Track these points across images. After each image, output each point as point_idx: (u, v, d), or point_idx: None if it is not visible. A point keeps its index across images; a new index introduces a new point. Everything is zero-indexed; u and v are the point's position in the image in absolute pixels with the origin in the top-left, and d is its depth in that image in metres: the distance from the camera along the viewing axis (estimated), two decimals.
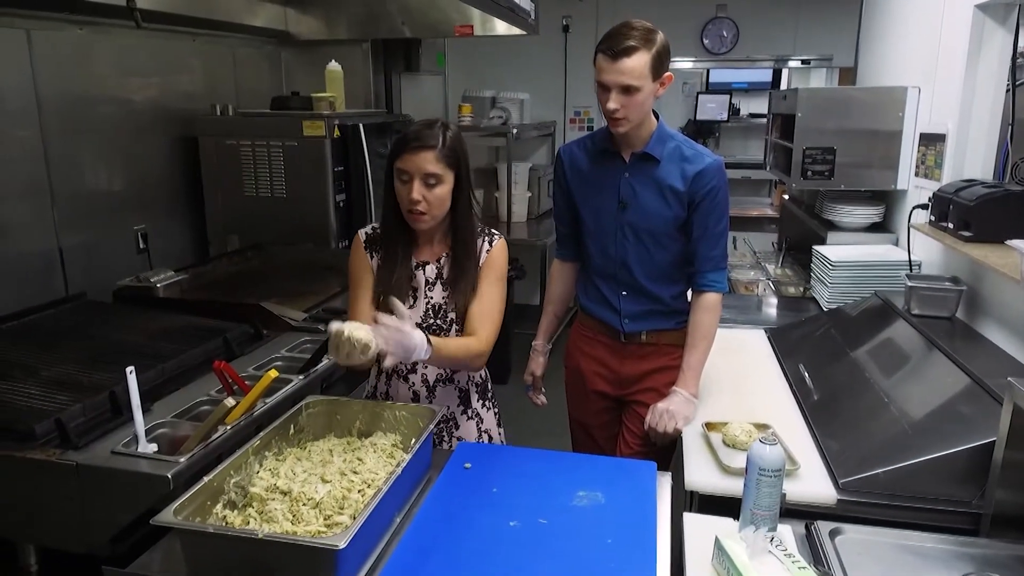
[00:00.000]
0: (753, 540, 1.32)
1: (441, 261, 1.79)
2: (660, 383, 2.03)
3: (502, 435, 1.98)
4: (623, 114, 1.80)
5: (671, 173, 1.91)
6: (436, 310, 1.77)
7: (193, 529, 1.21)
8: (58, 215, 2.50)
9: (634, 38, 1.75)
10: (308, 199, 3.10)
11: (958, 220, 2.15)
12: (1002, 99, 2.40)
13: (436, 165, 1.64)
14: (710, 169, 1.90)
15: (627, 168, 1.95)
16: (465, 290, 1.76)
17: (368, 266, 1.79)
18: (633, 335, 2.04)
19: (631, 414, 2.09)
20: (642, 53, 1.75)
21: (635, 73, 1.75)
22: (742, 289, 3.32)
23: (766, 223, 5.28)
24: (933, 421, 1.69)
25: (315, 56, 3.68)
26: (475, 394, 1.89)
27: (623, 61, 1.75)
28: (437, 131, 1.66)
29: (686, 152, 1.92)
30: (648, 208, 1.93)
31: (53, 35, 2.45)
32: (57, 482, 1.52)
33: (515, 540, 1.37)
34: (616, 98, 1.78)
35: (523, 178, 5.00)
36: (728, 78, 6.51)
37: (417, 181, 1.64)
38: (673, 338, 2.03)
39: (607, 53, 1.77)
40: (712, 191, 1.90)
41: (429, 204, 1.66)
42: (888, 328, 2.27)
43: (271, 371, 1.65)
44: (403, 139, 1.66)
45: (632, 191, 1.94)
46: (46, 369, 1.86)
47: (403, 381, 1.84)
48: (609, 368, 2.10)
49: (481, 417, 1.90)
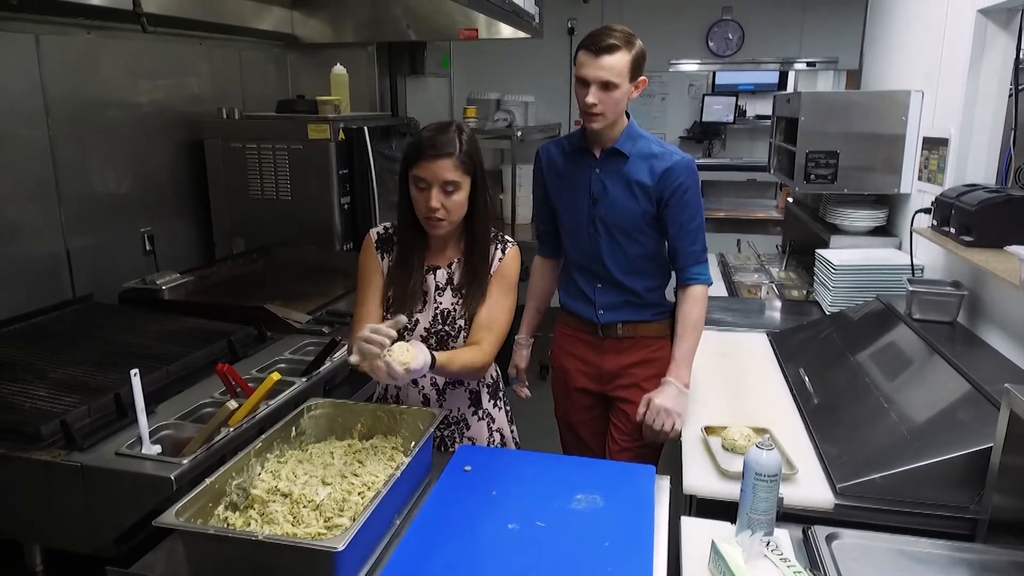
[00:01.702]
0: (749, 544, 1.33)
1: (452, 266, 1.79)
2: (641, 377, 2.07)
3: (515, 433, 1.98)
4: (600, 109, 1.86)
5: (639, 169, 1.96)
6: (445, 316, 1.77)
7: (194, 530, 1.23)
8: (65, 217, 2.52)
9: (616, 38, 1.83)
10: (313, 202, 3.12)
11: (960, 225, 2.15)
12: (1005, 104, 2.39)
13: (454, 172, 1.63)
14: (678, 166, 1.94)
15: (597, 164, 2.00)
16: (476, 296, 1.75)
17: (378, 267, 1.79)
18: (609, 327, 2.08)
19: (617, 412, 2.12)
20: (623, 53, 1.83)
21: (615, 70, 1.83)
22: (745, 292, 3.32)
23: (771, 225, 5.28)
24: (932, 426, 1.70)
25: (321, 59, 3.71)
26: (486, 394, 1.89)
27: (605, 58, 1.82)
28: (453, 136, 1.64)
29: (655, 149, 1.98)
30: (617, 203, 1.98)
31: (61, 39, 2.48)
32: (62, 483, 1.54)
33: (513, 543, 1.38)
34: (595, 93, 1.85)
35: (528, 180, 4.99)
36: (734, 80, 6.49)
37: (436, 189, 1.63)
38: (650, 330, 2.08)
39: (590, 49, 1.84)
40: (680, 187, 1.94)
41: (448, 211, 1.65)
42: (889, 332, 2.27)
43: (274, 373, 1.67)
44: (419, 145, 1.64)
45: (602, 186, 1.99)
46: (52, 371, 1.88)
47: (412, 384, 1.83)
48: (590, 364, 2.13)
49: (492, 417, 1.90)
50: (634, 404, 2.03)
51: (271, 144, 3.09)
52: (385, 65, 4.16)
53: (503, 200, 5.00)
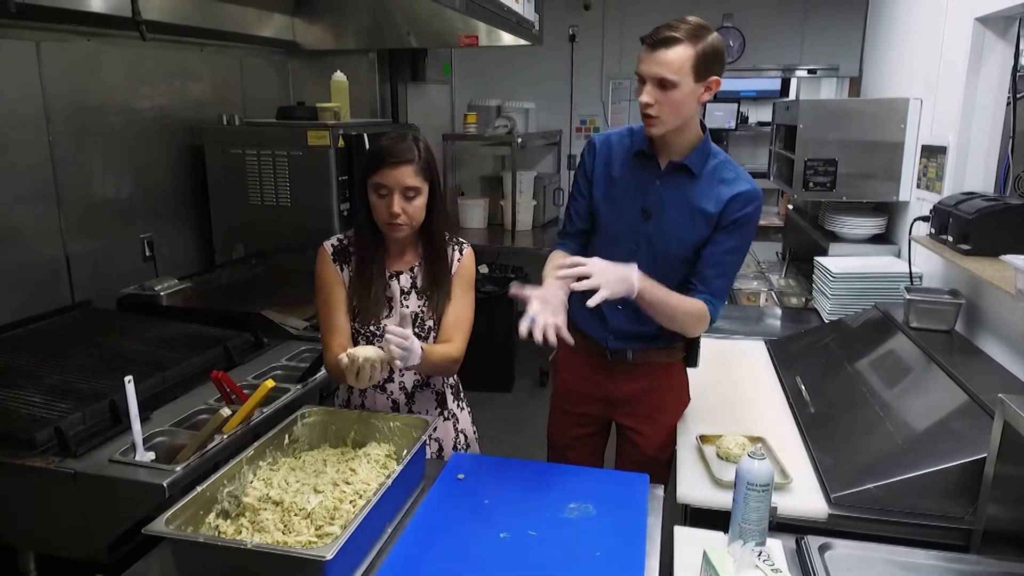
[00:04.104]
0: (741, 554, 1.32)
1: (415, 270, 1.81)
2: (652, 406, 1.98)
3: (476, 433, 2.00)
4: (656, 111, 1.66)
5: (706, 194, 1.76)
6: (413, 319, 1.78)
7: (183, 538, 1.23)
8: (65, 223, 2.53)
9: (679, 31, 1.61)
10: (312, 208, 3.12)
11: (957, 233, 2.15)
12: (1003, 112, 2.39)
13: (414, 178, 1.66)
14: (748, 195, 1.75)
15: (660, 176, 1.80)
16: (441, 297, 1.79)
17: (339, 278, 1.78)
18: (619, 353, 1.95)
19: (626, 441, 2.05)
20: (684, 47, 1.60)
21: (672, 66, 1.61)
22: (744, 299, 3.31)
23: (772, 232, 5.26)
24: (927, 436, 1.69)
25: (322, 66, 3.72)
26: (450, 395, 1.92)
27: (661, 51, 1.61)
28: (411, 144, 1.68)
29: (727, 174, 1.77)
30: (673, 225, 1.78)
31: (62, 46, 2.49)
32: (55, 490, 1.54)
33: (504, 552, 1.38)
34: (650, 91, 1.64)
35: (528, 187, 5.02)
36: (736, 86, 6.49)
37: (397, 195, 1.66)
38: (662, 355, 1.96)
39: (648, 42, 1.64)
40: (743, 218, 1.75)
41: (409, 216, 1.69)
42: (886, 341, 2.26)
43: (268, 381, 1.68)
44: (378, 154, 1.67)
45: (660, 202, 1.79)
46: (48, 377, 1.89)
47: (380, 391, 1.84)
48: (596, 386, 2.01)
49: (457, 417, 1.93)
50: (644, 436, 1.99)
51: (271, 150, 3.10)
52: (386, 72, 4.18)
53: (503, 207, 5.01)
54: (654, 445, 2.00)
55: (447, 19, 3.67)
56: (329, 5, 3.65)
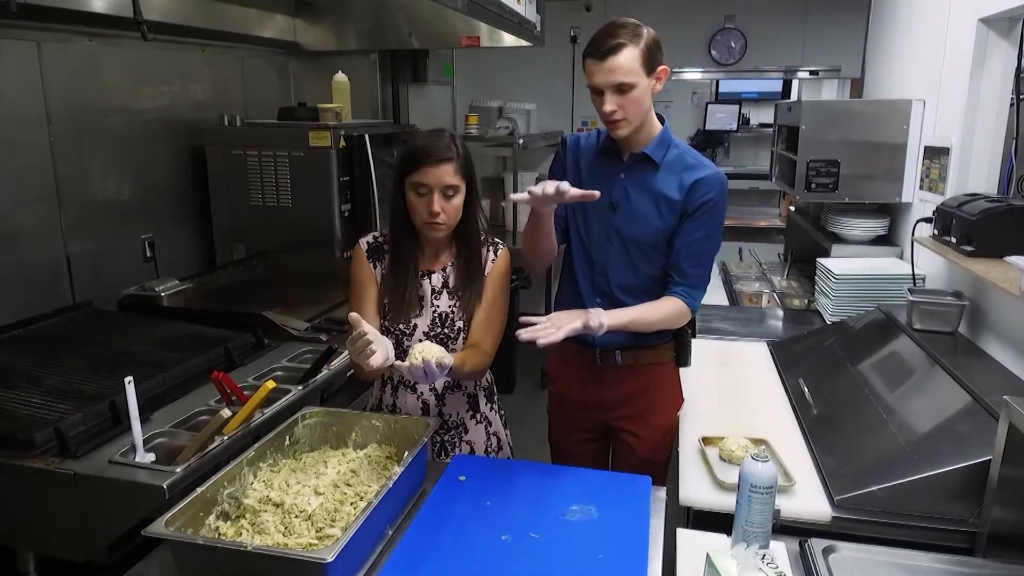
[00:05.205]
0: (744, 557, 1.31)
1: (447, 270, 1.80)
2: (644, 407, 1.98)
3: (509, 436, 1.98)
4: (622, 115, 1.73)
5: (668, 182, 1.82)
6: (443, 319, 1.77)
7: (184, 540, 1.22)
8: (66, 223, 2.53)
9: (621, 36, 1.69)
10: (314, 209, 3.12)
11: (961, 234, 2.14)
12: (1006, 113, 2.38)
13: (454, 176, 1.66)
14: (710, 179, 1.80)
15: (623, 169, 1.87)
16: (473, 298, 1.77)
17: (372, 276, 1.80)
18: (608, 355, 1.94)
19: (621, 444, 2.04)
20: (630, 48, 1.69)
21: (625, 69, 1.69)
22: (746, 301, 3.31)
23: (774, 234, 5.27)
24: (931, 438, 1.68)
25: (324, 66, 3.72)
26: (483, 398, 1.89)
27: (611, 59, 1.69)
28: (449, 141, 1.67)
29: (688, 160, 1.84)
30: (639, 214, 1.85)
31: (63, 47, 2.49)
32: (55, 491, 1.54)
33: (505, 554, 1.37)
34: (611, 99, 1.72)
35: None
36: (738, 88, 6.48)
37: (437, 193, 1.65)
38: (652, 355, 1.96)
39: (595, 55, 1.71)
40: (707, 203, 1.80)
41: (447, 215, 1.68)
42: (890, 343, 2.25)
43: (268, 382, 1.67)
44: (416, 152, 1.65)
45: (625, 193, 1.86)
46: (48, 378, 1.88)
47: (410, 392, 1.83)
48: (588, 391, 2.01)
49: (489, 420, 1.91)
50: (639, 437, 1.99)
51: (272, 151, 3.09)
52: (387, 73, 4.18)
53: (504, 208, 5.01)
54: (649, 447, 2.00)
55: (448, 20, 3.67)
56: (330, 6, 3.65)
